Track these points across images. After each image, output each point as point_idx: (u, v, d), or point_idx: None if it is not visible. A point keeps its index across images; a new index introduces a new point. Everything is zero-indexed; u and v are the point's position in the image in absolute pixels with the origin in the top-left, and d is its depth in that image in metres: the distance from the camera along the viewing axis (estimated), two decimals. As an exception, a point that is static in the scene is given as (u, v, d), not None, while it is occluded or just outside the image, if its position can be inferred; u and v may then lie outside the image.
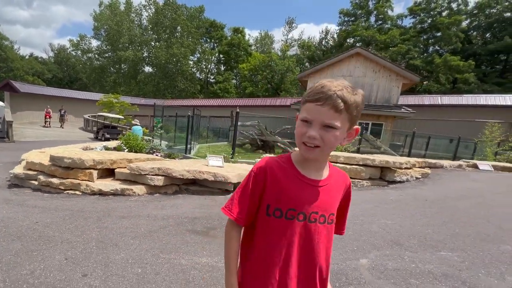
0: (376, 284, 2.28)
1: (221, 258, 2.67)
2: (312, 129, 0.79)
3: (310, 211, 0.87)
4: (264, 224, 0.90)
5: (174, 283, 2.21)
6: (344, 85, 0.80)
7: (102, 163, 4.94)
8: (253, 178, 0.90)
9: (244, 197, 0.91)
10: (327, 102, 0.77)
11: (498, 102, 18.90)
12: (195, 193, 5.10)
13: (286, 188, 0.87)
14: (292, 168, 0.89)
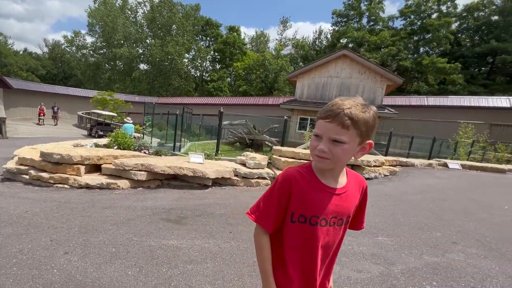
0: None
1: (186, 240, 3.09)
2: (322, 143, 0.87)
3: (331, 217, 0.95)
4: (291, 230, 0.97)
5: (141, 259, 2.63)
6: (355, 103, 0.87)
7: (89, 159, 5.33)
8: (279, 188, 0.96)
9: (270, 205, 0.97)
10: (335, 119, 0.85)
11: (480, 104, 19.51)
12: (176, 188, 5.51)
13: (309, 197, 0.93)
14: (314, 177, 0.96)
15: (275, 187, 0.97)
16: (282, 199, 0.95)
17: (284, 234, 0.99)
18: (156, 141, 13.14)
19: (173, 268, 2.50)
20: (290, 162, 6.24)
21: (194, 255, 2.77)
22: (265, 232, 0.99)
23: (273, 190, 0.98)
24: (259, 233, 1.00)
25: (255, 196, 5.16)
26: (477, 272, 2.66)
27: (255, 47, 50.74)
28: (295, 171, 0.97)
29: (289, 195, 0.95)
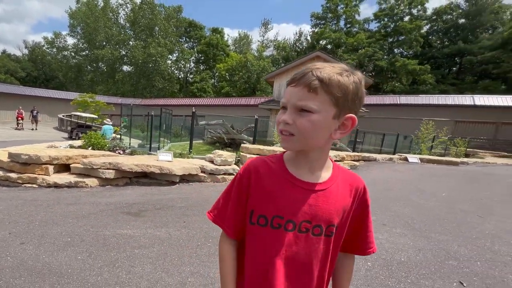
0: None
1: (140, 229, 3.37)
2: (285, 114, 0.70)
3: (301, 220, 0.74)
4: (249, 233, 0.78)
5: (93, 246, 2.90)
6: (331, 65, 0.70)
7: (58, 159, 5.51)
8: (238, 180, 0.78)
9: (229, 201, 0.79)
10: (301, 80, 0.68)
11: (447, 102, 20.50)
12: (145, 185, 5.76)
13: (272, 191, 0.74)
14: (282, 168, 0.76)
15: (234, 180, 0.80)
16: (241, 194, 0.77)
17: (245, 241, 0.79)
18: (138, 142, 13.27)
19: (121, 253, 2.78)
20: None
21: (143, 241, 3.05)
22: (228, 238, 0.81)
23: (232, 183, 0.80)
24: (222, 240, 0.82)
25: (218, 190, 5.47)
26: (393, 247, 3.06)
27: (239, 49, 51.12)
28: (259, 160, 0.80)
29: (248, 188, 0.76)
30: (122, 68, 43.87)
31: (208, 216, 0.85)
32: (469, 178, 7.06)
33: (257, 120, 9.03)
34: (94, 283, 2.23)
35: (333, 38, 37.04)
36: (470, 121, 19.17)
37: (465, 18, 34.03)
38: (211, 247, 2.95)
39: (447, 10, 34.86)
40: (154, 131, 11.76)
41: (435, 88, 32.69)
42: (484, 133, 18.94)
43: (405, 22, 34.88)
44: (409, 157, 9.55)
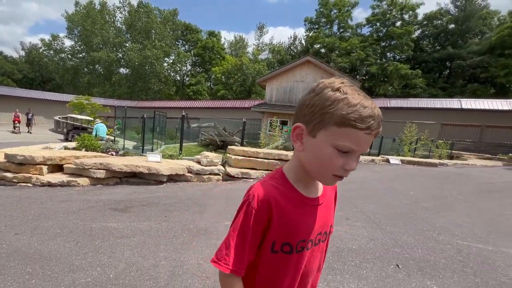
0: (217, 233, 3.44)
1: (124, 223, 3.72)
2: (352, 161, 0.67)
3: (316, 234, 0.80)
4: (269, 261, 0.77)
5: (80, 236, 3.25)
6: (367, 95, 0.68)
7: (52, 159, 5.85)
8: (254, 216, 0.72)
9: (243, 242, 0.73)
10: (376, 130, 0.65)
11: (436, 105, 21.05)
12: (134, 184, 6.10)
13: (294, 219, 0.75)
14: (293, 190, 0.77)
15: (248, 216, 0.73)
16: (257, 228, 0.73)
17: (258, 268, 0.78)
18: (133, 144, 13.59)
19: (105, 241, 3.14)
20: (239, 160, 6.96)
21: (126, 232, 3.41)
22: (237, 278, 0.76)
23: (245, 220, 0.73)
24: (229, 281, 0.75)
25: (203, 189, 5.84)
26: (348, 237, 3.44)
27: (234, 52, 51.63)
28: (270, 187, 0.75)
29: (268, 223, 0.74)
30: (118, 70, 44.17)
31: (222, 269, 0.73)
32: (442, 178, 7.47)
33: (245, 123, 9.39)
34: (79, 265, 2.59)
35: (327, 42, 37.68)
36: (456, 124, 19.72)
37: (454, 24, 34.82)
38: (186, 237, 3.31)
39: (437, 16, 35.63)
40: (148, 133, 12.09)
41: (425, 92, 33.45)
42: (469, 135, 19.47)
43: (396, 27, 35.57)
44: (390, 159, 9.96)
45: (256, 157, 7.05)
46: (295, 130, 0.73)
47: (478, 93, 30.95)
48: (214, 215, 4.17)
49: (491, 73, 30.45)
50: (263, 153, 7.09)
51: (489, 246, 3.38)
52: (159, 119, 13.89)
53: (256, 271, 0.78)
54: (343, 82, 0.68)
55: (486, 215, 4.59)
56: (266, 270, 0.77)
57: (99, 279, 2.38)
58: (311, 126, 0.68)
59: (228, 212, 4.29)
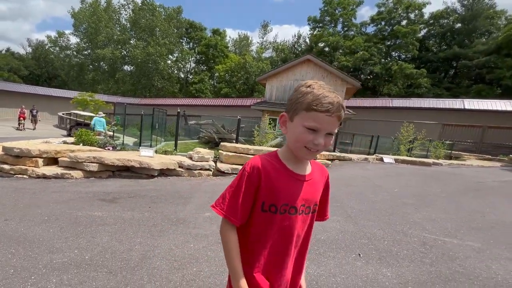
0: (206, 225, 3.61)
1: (109, 212, 3.91)
2: (319, 137, 0.85)
3: (300, 204, 0.94)
4: (259, 219, 0.94)
5: (65, 223, 3.45)
6: (334, 90, 0.87)
7: (47, 152, 6.08)
8: (246, 178, 0.92)
9: (237, 196, 0.92)
10: (335, 113, 0.84)
11: (439, 106, 20.97)
12: (126, 177, 6.30)
13: (279, 185, 0.92)
14: (282, 165, 0.95)
15: (242, 177, 0.93)
16: (250, 189, 0.92)
17: (251, 225, 0.96)
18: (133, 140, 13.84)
19: (87, 228, 3.33)
20: (230, 156, 7.13)
21: (108, 220, 3.60)
22: (233, 226, 0.95)
23: (240, 180, 0.93)
24: (226, 228, 0.95)
25: (192, 184, 6.02)
26: (320, 229, 3.58)
27: (239, 50, 51.74)
28: (263, 159, 0.95)
29: (258, 184, 0.92)
30: (123, 67, 44.59)
31: (217, 212, 0.94)
32: (431, 177, 7.55)
33: (239, 120, 9.57)
34: (58, 248, 2.78)
35: (331, 41, 37.56)
36: (458, 125, 19.62)
37: (461, 23, 34.43)
38: (164, 226, 3.49)
39: (444, 15, 35.29)
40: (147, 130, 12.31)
41: (430, 92, 33.16)
42: (471, 136, 19.36)
43: (402, 26, 35.28)
44: (384, 157, 10.04)
45: (247, 153, 7.21)
46: (281, 118, 0.96)
47: (483, 94, 30.60)
48: (196, 207, 4.34)
49: (497, 74, 30.11)
50: (253, 149, 7.25)
51: (455, 239, 3.50)
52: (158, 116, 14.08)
53: (250, 228, 0.96)
54: (315, 82, 0.89)
55: (463, 211, 4.70)
56: (257, 226, 0.95)
57: (75, 260, 2.57)
58: (290, 113, 0.91)
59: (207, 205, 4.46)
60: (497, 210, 4.91)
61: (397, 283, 2.46)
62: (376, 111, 23.64)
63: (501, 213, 4.73)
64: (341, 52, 38.51)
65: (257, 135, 9.77)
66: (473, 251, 3.21)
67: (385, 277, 2.54)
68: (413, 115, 21.46)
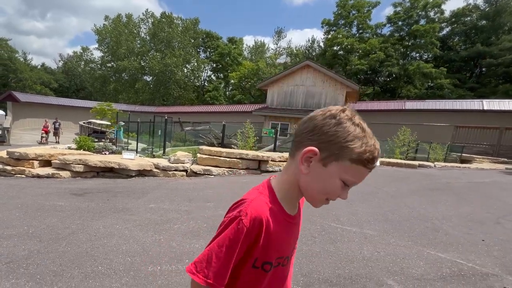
0: (142, 213, 4.28)
1: (70, 202, 4.68)
2: (347, 192, 0.73)
3: (291, 249, 0.85)
4: (248, 276, 0.78)
5: (31, 209, 4.24)
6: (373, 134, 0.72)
7: (42, 156, 7.07)
8: (245, 235, 0.70)
9: (228, 259, 0.71)
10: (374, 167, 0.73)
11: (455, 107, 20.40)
12: (108, 177, 7.13)
13: (278, 238, 0.76)
14: (280, 209, 0.78)
15: (238, 234, 0.70)
16: (244, 247, 0.72)
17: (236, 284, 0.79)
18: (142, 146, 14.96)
19: (45, 213, 4.09)
20: (204, 158, 7.80)
21: (65, 208, 4.35)
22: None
23: (235, 237, 0.70)
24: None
25: (161, 182, 6.72)
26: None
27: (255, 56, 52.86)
28: (263, 206, 0.74)
29: (255, 240, 0.73)
30: (142, 77, 47.11)
31: (197, 279, 0.70)
32: (399, 178, 7.74)
33: (224, 126, 10.25)
34: (14, 225, 3.55)
35: (346, 43, 37.25)
36: (472, 126, 18.91)
37: (485, 20, 32.94)
38: (107, 213, 4.18)
39: (466, 12, 34.04)
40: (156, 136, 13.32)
41: (453, 93, 31.73)
42: (487, 138, 18.57)
43: (421, 25, 34.27)
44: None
45: (220, 156, 7.83)
46: (307, 153, 0.71)
47: (511, 94, 28.96)
48: (147, 200, 5.01)
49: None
50: (226, 152, 7.86)
51: (356, 228, 3.89)
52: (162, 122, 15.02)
53: (235, 283, 0.79)
54: (361, 119, 0.71)
55: (393, 207, 5.00)
56: (244, 282, 0.79)
57: (20, 233, 3.31)
58: (326, 154, 0.69)
59: (160, 199, 5.12)
60: (431, 206, 5.15)
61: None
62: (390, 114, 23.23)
63: (431, 209, 4.97)
64: (356, 55, 38.13)
65: (240, 140, 10.36)
66: (362, 237, 3.60)
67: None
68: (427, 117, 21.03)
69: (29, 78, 45.48)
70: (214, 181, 6.98)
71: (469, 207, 5.18)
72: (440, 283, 2.61)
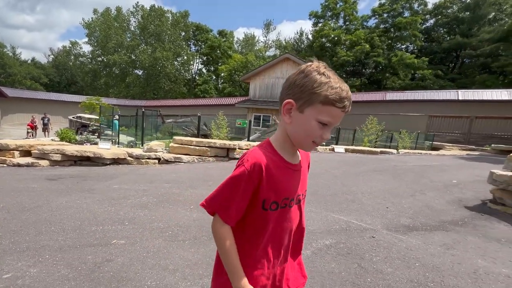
0: (104, 192, 4.93)
1: (42, 184, 5.30)
2: (328, 132, 0.85)
3: (296, 194, 0.96)
4: (259, 218, 0.91)
5: (6, 191, 4.85)
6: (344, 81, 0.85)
7: (22, 146, 7.65)
8: (247, 176, 0.85)
9: (233, 195, 0.86)
10: (348, 108, 0.83)
11: (423, 97, 21.20)
12: (85, 166, 7.73)
13: (280, 180, 0.89)
14: (279, 157, 0.92)
15: (241, 176, 0.85)
16: (249, 188, 0.86)
17: (248, 225, 0.92)
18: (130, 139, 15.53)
19: (18, 193, 4.72)
20: (175, 147, 8.43)
21: (37, 189, 4.98)
22: (226, 225, 0.88)
23: (239, 178, 0.85)
24: (220, 227, 0.89)
25: (132, 169, 7.35)
26: (201, 194, 4.78)
27: (246, 49, 53.06)
28: (262, 153, 0.88)
29: (259, 183, 0.86)
30: (133, 71, 47.21)
31: (207, 210, 0.89)
32: (353, 162, 8.47)
33: (199, 117, 10.86)
34: (-13, 202, 4.18)
35: (332, 35, 37.82)
36: (445, 116, 19.77)
37: (465, 11, 33.67)
38: (73, 192, 4.82)
39: (448, 4, 34.70)
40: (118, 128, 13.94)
41: (434, 83, 32.74)
42: (459, 127, 19.44)
43: (404, 17, 34.95)
44: (336, 147, 10.96)
45: (190, 145, 8.47)
46: (286, 105, 0.86)
47: (487, 84, 29.92)
48: (113, 183, 5.65)
49: (502, 62, 29.29)
50: (195, 141, 8.50)
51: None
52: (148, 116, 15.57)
53: (246, 227, 0.92)
54: (326, 68, 0.84)
55: (326, 185, 5.69)
56: (255, 225, 0.91)
57: (-8, 207, 3.95)
58: (300, 103, 0.83)
59: (125, 182, 5.77)
60: (363, 184, 5.85)
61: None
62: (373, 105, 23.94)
63: (362, 186, 5.66)
64: (344, 47, 38.71)
65: (214, 129, 10.99)
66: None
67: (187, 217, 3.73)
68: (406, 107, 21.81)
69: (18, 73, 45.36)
70: (182, 167, 7.64)
71: (396, 184, 5.91)
72: (323, 234, 3.32)
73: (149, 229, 3.32)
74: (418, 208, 4.44)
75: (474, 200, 4.89)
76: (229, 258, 0.88)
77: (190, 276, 2.34)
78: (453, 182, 6.20)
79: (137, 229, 3.30)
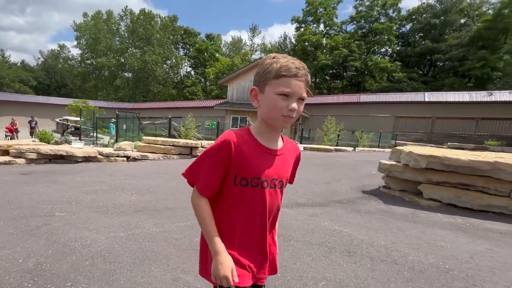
0: (67, 183, 5.84)
1: (14, 178, 6.18)
2: (293, 102, 0.90)
3: (271, 178, 1.00)
4: (232, 193, 0.99)
5: (-19, 182, 5.74)
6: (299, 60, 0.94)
7: (1, 146, 8.50)
8: (217, 150, 0.94)
9: (205, 165, 0.96)
10: (303, 77, 0.91)
11: (389, 99, 22.50)
12: (59, 163, 8.61)
13: (250, 159, 0.95)
14: (253, 139, 0.99)
15: (213, 149, 0.96)
16: (220, 160, 0.95)
17: (224, 199, 1.01)
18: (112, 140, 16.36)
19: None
20: (142, 146, 9.35)
21: (9, 181, 5.86)
22: (201, 196, 0.98)
23: (211, 151, 0.96)
24: (196, 196, 0.99)
25: (100, 166, 8.25)
26: (155, 185, 5.72)
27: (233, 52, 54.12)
28: (234, 133, 0.97)
29: (229, 156, 0.94)
30: (123, 74, 47.84)
31: (185, 176, 1.02)
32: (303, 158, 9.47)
33: (170, 119, 11.80)
34: (-36, 190, 5.06)
35: (313, 40, 39.29)
36: (409, 117, 21.09)
37: (436, 18, 35.52)
38: (39, 183, 5.72)
39: (420, 11, 36.45)
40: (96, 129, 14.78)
41: (408, 86, 34.48)
42: (422, 127, 20.77)
43: (380, 23, 36.69)
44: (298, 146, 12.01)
45: (156, 144, 9.41)
46: (251, 93, 1.00)
47: (455, 87, 31.64)
48: (77, 176, 6.56)
49: (467, 66, 31.05)
50: (161, 140, 9.46)
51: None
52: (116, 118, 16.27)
53: (222, 202, 1.02)
54: (277, 54, 0.97)
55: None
56: (229, 200, 1.01)
57: (-33, 194, 4.83)
58: (260, 86, 0.96)
59: (89, 175, 6.69)
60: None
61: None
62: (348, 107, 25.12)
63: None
64: (325, 51, 40.16)
65: (183, 130, 11.93)
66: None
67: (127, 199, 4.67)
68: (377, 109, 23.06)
69: (7, 76, 45.64)
70: (146, 164, 8.57)
71: (322, 175, 6.94)
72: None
73: (90, 207, 4.27)
74: (322, 192, 5.45)
75: (375, 187, 5.93)
76: (206, 226, 0.96)
77: (102, 230, 3.30)
78: (373, 173, 7.26)
79: (79, 207, 4.24)
